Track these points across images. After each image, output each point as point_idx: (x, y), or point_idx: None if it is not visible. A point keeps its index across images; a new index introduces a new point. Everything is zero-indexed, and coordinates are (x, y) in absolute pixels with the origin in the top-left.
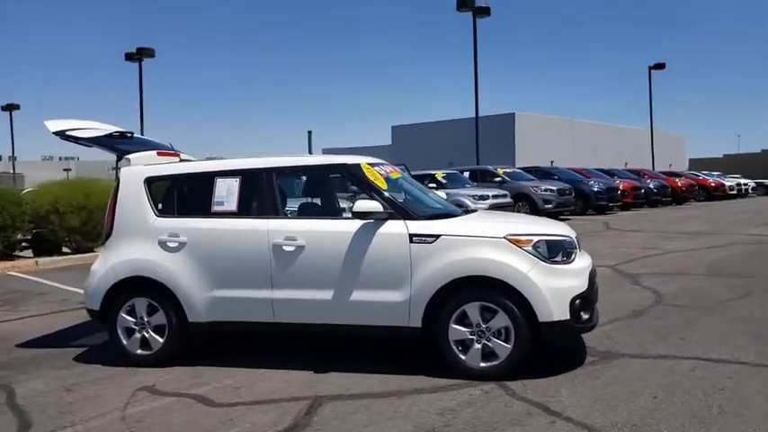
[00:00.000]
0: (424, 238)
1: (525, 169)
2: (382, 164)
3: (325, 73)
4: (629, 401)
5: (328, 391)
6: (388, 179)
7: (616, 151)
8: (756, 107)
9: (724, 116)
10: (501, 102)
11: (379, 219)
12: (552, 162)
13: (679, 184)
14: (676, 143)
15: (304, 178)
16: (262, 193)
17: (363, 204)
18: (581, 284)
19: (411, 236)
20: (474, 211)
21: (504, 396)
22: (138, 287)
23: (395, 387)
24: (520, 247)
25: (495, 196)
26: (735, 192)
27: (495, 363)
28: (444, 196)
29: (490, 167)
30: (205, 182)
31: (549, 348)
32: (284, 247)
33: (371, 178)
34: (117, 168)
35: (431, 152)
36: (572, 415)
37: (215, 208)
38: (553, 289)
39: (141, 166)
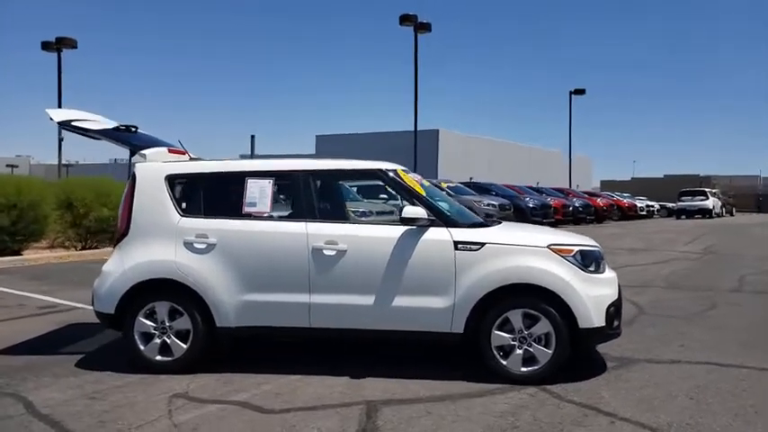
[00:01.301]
0: (468, 246)
1: (463, 184)
2: (410, 171)
3: (254, 80)
4: (670, 402)
5: (375, 396)
6: (423, 186)
7: (530, 170)
8: (653, 136)
9: (623, 142)
10: (424, 118)
11: (423, 225)
12: (471, 178)
13: (600, 204)
14: (583, 165)
15: (336, 182)
16: (298, 195)
17: (411, 210)
18: (613, 293)
19: (456, 243)
20: (497, 221)
21: (551, 399)
22: (160, 290)
23: (441, 392)
24: (563, 257)
25: None
26: (645, 212)
27: (535, 368)
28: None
29: (434, 181)
30: (234, 182)
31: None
32: (325, 252)
33: (410, 184)
34: (131, 164)
35: None
36: (626, 415)
37: (246, 209)
38: (592, 297)
39: (160, 163)
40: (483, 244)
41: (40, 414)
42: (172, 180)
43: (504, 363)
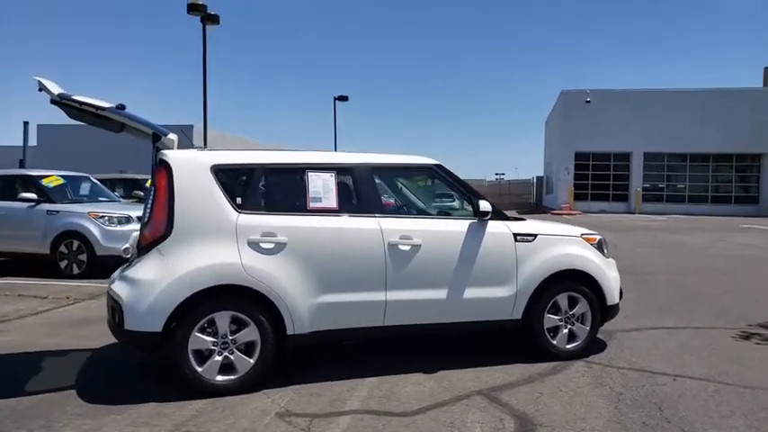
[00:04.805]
0: (525, 237)
1: None
2: None
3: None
4: (684, 359)
5: (474, 387)
6: None
7: None
8: (418, 136)
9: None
10: (182, 113)
11: (488, 219)
12: None
13: None
14: None
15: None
16: (366, 190)
17: (485, 204)
18: (618, 274)
19: (515, 235)
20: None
21: (609, 369)
22: (221, 298)
23: (520, 376)
24: (591, 244)
25: None
26: None
27: (577, 343)
28: None
29: None
30: (295, 175)
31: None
32: (400, 247)
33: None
34: (157, 150)
35: (87, 157)
36: (675, 373)
37: (312, 205)
38: (613, 278)
39: (199, 152)
40: (535, 235)
41: None
42: (219, 172)
43: (554, 342)
